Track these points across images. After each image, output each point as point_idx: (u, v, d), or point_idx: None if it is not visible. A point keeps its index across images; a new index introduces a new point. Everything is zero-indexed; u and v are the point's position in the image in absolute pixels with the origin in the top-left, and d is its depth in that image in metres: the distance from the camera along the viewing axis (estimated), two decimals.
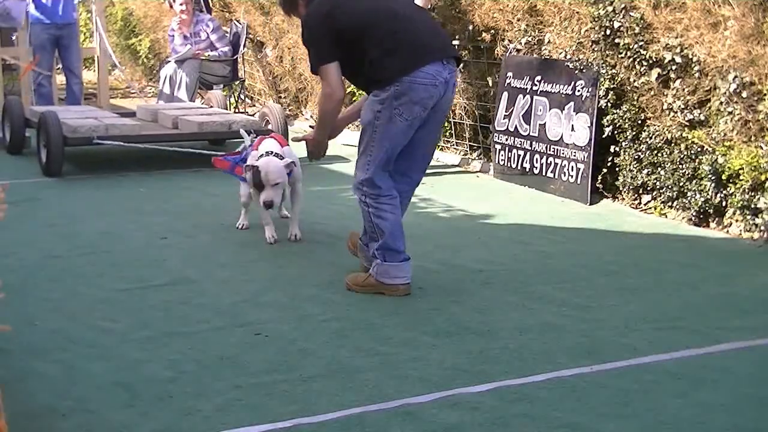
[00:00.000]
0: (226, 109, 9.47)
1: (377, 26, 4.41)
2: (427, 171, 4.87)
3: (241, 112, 10.91)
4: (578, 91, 6.77)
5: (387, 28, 4.41)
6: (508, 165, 7.50)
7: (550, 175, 7.05)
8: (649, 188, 6.38)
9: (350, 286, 4.66)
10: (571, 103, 6.84)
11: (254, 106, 11.82)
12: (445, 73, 4.41)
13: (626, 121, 6.46)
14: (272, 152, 5.42)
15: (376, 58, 4.37)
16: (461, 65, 4.50)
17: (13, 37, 11.80)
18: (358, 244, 4.89)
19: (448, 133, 8.53)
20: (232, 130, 8.03)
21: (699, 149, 5.95)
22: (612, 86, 6.51)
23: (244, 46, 10.72)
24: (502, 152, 7.57)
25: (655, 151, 6.25)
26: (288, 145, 5.83)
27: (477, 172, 7.92)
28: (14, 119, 8.48)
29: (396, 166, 4.56)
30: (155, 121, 8.73)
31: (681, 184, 6.06)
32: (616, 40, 6.40)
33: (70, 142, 7.61)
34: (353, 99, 9.78)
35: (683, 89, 6.03)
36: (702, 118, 5.96)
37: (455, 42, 8.06)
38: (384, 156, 4.45)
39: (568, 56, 6.87)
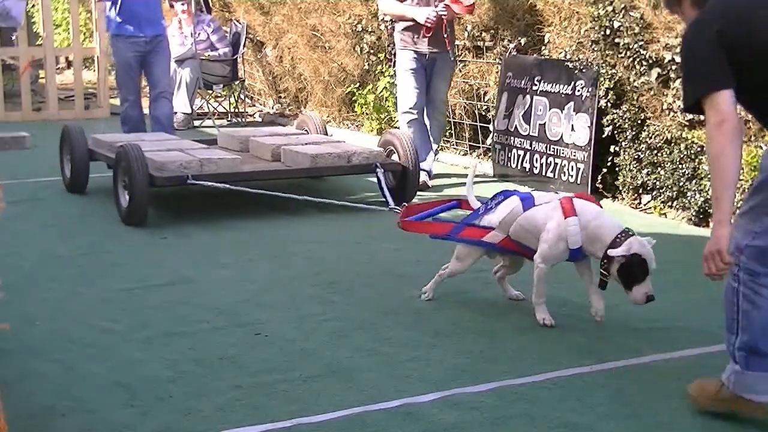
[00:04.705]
0: (326, 134, 7.67)
1: None
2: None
3: (240, 113, 10.94)
4: (578, 91, 6.77)
5: None
6: (508, 165, 7.50)
7: (550, 175, 7.05)
8: (649, 188, 6.37)
9: (695, 399, 3.38)
10: (571, 103, 6.84)
11: (254, 106, 11.82)
12: None
13: (626, 121, 6.46)
14: (629, 230, 4.01)
15: None
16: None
17: (13, 37, 11.83)
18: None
19: (448, 133, 8.53)
20: (352, 164, 6.49)
21: (699, 149, 5.95)
22: (612, 86, 6.51)
23: (244, 46, 10.73)
24: (502, 152, 7.57)
25: (655, 151, 6.25)
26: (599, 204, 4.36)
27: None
28: (76, 151, 6.81)
29: None
30: (246, 150, 7.08)
31: (681, 183, 6.07)
32: (616, 40, 6.40)
33: (158, 182, 5.98)
34: (354, 98, 9.78)
35: None
36: (702, 118, 5.95)
37: (456, 42, 8.09)
38: None
39: (568, 56, 6.88)
